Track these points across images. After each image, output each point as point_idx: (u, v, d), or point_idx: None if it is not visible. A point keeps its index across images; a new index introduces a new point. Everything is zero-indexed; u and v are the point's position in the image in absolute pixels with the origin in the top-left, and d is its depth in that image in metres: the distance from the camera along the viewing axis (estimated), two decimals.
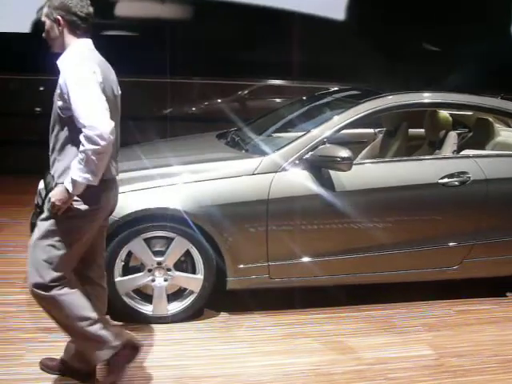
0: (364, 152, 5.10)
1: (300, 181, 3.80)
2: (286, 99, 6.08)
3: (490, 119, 4.90)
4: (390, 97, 4.31)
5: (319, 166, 3.82)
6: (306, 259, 3.88)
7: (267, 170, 3.79)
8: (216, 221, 3.68)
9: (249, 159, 3.89)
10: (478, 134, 5.09)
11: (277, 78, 7.68)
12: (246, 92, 7.68)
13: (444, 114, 4.49)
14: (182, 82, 7.24)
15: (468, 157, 4.22)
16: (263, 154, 3.91)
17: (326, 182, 3.81)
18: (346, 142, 4.86)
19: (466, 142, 5.21)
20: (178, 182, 3.72)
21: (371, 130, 5.37)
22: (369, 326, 3.91)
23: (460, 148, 4.94)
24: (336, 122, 4.01)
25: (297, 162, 3.83)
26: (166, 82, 7.26)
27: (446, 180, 4.03)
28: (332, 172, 3.81)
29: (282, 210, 3.75)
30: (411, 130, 5.02)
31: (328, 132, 3.95)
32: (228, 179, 3.75)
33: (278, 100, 7.38)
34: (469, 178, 4.08)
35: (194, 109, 7.44)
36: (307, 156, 3.83)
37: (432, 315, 4.11)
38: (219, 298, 3.94)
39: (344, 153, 3.70)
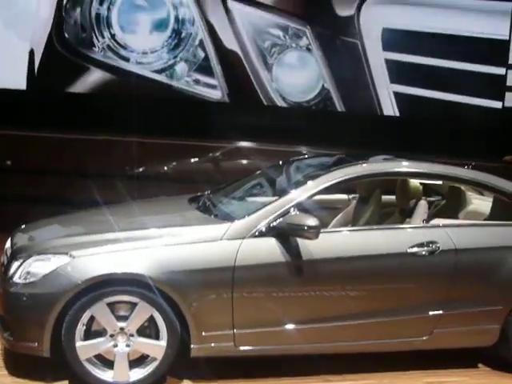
0: (337, 218, 5.11)
1: (267, 248, 3.78)
2: (263, 162, 6.13)
3: (463, 188, 4.95)
4: (361, 165, 4.36)
5: (288, 234, 3.80)
6: (272, 328, 3.82)
7: (234, 236, 3.77)
8: (181, 287, 3.64)
9: (216, 225, 3.89)
10: (450, 202, 5.14)
11: (251, 140, 7.80)
12: (219, 154, 7.77)
13: (414, 183, 4.53)
14: (155, 143, 7.35)
15: (437, 226, 4.23)
16: (231, 219, 3.90)
17: (294, 250, 3.79)
18: (320, 208, 4.90)
19: (439, 210, 5.25)
20: (143, 246, 3.69)
21: (345, 196, 5.38)
22: None
23: (433, 216, 4.98)
24: (305, 190, 4.04)
25: (264, 229, 3.82)
26: (138, 141, 7.39)
27: (415, 249, 4.03)
28: (300, 240, 3.80)
29: (248, 278, 3.72)
30: (386, 197, 5.05)
31: (297, 199, 3.97)
32: (194, 245, 3.73)
33: (253, 162, 7.43)
34: (438, 247, 4.07)
35: (166, 169, 7.51)
36: (275, 223, 3.82)
37: None
38: (183, 365, 3.85)
39: (311, 221, 3.70)
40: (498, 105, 9.14)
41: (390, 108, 8.90)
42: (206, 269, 3.68)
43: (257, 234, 3.81)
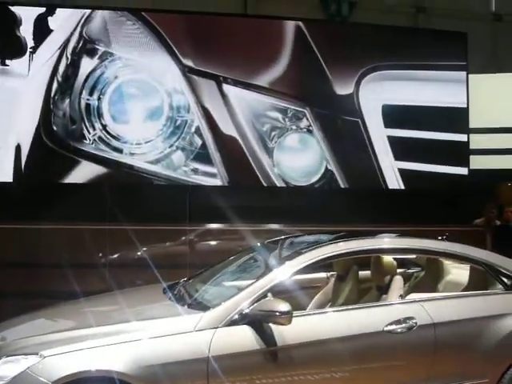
0: (317, 297, 5.08)
1: (241, 336, 3.74)
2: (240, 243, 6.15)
3: (440, 258, 4.95)
4: (336, 244, 4.39)
5: (261, 321, 3.77)
6: None
7: (207, 326, 3.73)
8: (156, 381, 3.57)
9: (189, 315, 3.85)
10: (429, 274, 5.14)
11: (225, 222, 7.73)
12: (193, 236, 7.72)
13: (388, 258, 4.53)
14: (129, 229, 7.28)
15: (414, 301, 4.20)
16: (204, 309, 3.87)
17: (268, 337, 3.74)
18: (299, 289, 4.88)
19: (418, 281, 5.24)
20: (115, 341, 3.62)
21: (324, 275, 5.37)
22: None
23: (412, 288, 4.98)
24: (278, 274, 4.03)
25: (237, 316, 3.79)
26: (107, 228, 7.30)
27: (391, 327, 3.99)
28: (274, 326, 3.76)
29: (223, 368, 3.65)
30: (365, 273, 5.03)
31: (270, 284, 3.96)
32: (168, 338, 3.68)
33: (231, 243, 7.40)
34: (415, 323, 4.04)
35: (138, 254, 7.43)
36: (248, 311, 3.79)
37: None
38: None
39: (283, 307, 3.68)
40: (464, 171, 9.33)
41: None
42: (180, 361, 3.62)
43: (230, 322, 3.77)
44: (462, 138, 9.37)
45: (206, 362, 3.63)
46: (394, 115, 9.00)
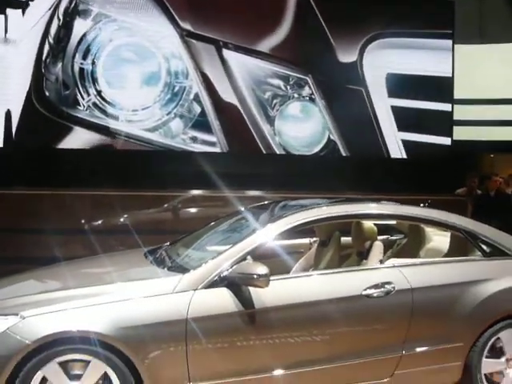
0: (299, 263, 5.12)
1: (219, 299, 3.77)
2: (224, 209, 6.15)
3: (422, 225, 4.98)
4: (314, 210, 4.39)
5: (239, 283, 3.80)
6: (228, 379, 3.77)
7: (186, 288, 3.76)
8: (133, 342, 3.60)
9: (168, 277, 3.87)
10: (411, 241, 5.18)
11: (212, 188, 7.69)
12: (179, 202, 7.68)
13: (368, 224, 4.56)
14: (114, 195, 7.23)
15: (392, 266, 4.24)
16: (184, 271, 3.90)
17: (246, 299, 3.77)
18: (282, 254, 4.92)
19: (401, 248, 5.28)
20: (94, 303, 3.65)
21: (307, 241, 5.40)
22: None
23: (395, 254, 5.03)
24: (258, 237, 4.05)
25: (217, 279, 3.81)
26: (95, 194, 7.24)
27: (370, 291, 4.03)
28: (253, 289, 3.79)
29: (201, 330, 3.69)
30: (347, 239, 5.06)
31: (249, 247, 3.97)
32: (146, 299, 3.71)
33: (215, 210, 7.37)
34: (393, 288, 4.08)
35: (122, 220, 7.40)
36: (226, 273, 3.82)
37: None
38: None
39: (261, 270, 3.70)
40: (447, 141, 9.31)
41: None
42: (158, 323, 3.65)
43: (209, 284, 3.79)
44: (446, 107, 9.33)
45: (184, 323, 3.66)
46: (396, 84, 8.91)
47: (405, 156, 9.14)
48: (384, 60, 9.00)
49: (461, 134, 9.57)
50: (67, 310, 3.62)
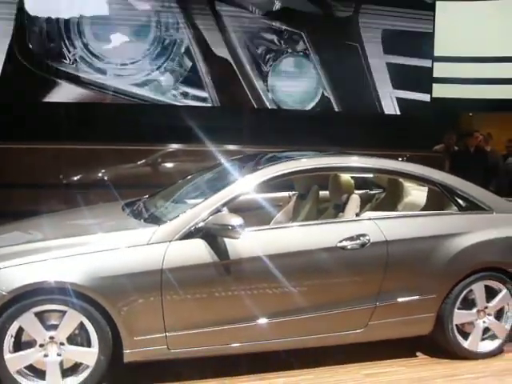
0: (278, 215, 5.14)
1: (194, 249, 3.79)
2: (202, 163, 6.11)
3: (400, 179, 5.00)
4: (293, 162, 4.39)
5: (214, 235, 3.82)
6: (204, 329, 3.82)
7: (161, 239, 3.78)
8: (109, 292, 3.63)
9: (144, 229, 3.88)
10: (390, 195, 5.21)
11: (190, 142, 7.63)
12: (159, 157, 7.63)
13: (345, 177, 4.57)
14: (89, 149, 7.15)
15: (368, 219, 4.26)
16: (159, 222, 3.91)
17: (221, 250, 3.80)
18: (262, 206, 4.94)
19: (379, 202, 5.31)
20: (69, 254, 3.67)
21: (286, 194, 5.42)
22: None
23: (374, 208, 5.06)
24: (234, 189, 4.05)
25: (192, 230, 3.83)
26: (70, 148, 7.15)
27: (344, 243, 4.07)
28: (228, 240, 3.81)
29: (176, 280, 3.72)
30: (325, 193, 5.08)
31: (225, 199, 3.98)
32: (121, 250, 3.72)
33: (191, 164, 7.33)
34: (368, 240, 4.11)
35: (100, 175, 7.35)
36: (202, 224, 3.83)
37: (339, 380, 4.07)
38: (119, 372, 3.85)
39: (235, 220, 3.71)
40: (426, 97, 9.27)
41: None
42: (133, 273, 3.67)
43: (184, 235, 3.81)
44: (426, 63, 9.24)
45: (159, 274, 3.69)
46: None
47: (394, 112, 9.09)
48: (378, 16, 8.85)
49: (440, 91, 9.52)
50: (43, 261, 3.63)
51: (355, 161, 4.57)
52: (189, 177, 5.07)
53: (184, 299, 3.76)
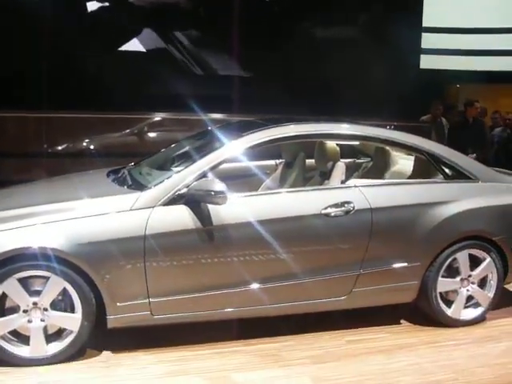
0: (265, 183, 5.12)
1: (177, 216, 3.78)
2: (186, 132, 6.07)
3: (388, 148, 4.99)
4: (279, 128, 4.34)
5: (198, 201, 3.80)
6: (187, 295, 3.83)
7: (144, 205, 3.76)
8: (92, 258, 3.63)
9: (127, 195, 3.86)
10: (377, 163, 5.19)
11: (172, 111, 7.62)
12: (145, 125, 7.61)
13: (331, 144, 4.54)
14: (74, 117, 7.12)
15: (353, 187, 4.25)
16: (142, 189, 3.89)
17: (205, 216, 3.79)
18: (249, 174, 4.92)
19: (366, 171, 5.30)
20: (52, 219, 3.65)
21: (273, 162, 5.39)
22: (255, 360, 3.88)
23: (361, 177, 5.05)
24: (219, 155, 4.02)
25: (175, 196, 3.81)
26: (50, 116, 7.13)
27: (329, 210, 4.06)
28: (211, 206, 3.80)
29: (159, 246, 3.71)
30: (312, 161, 5.05)
31: (210, 164, 3.96)
32: (104, 216, 3.71)
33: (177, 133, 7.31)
34: (353, 207, 4.11)
35: (85, 144, 7.32)
36: (185, 190, 3.81)
37: (321, 346, 4.10)
38: (103, 337, 3.86)
39: (218, 186, 3.70)
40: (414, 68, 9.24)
41: None
42: (116, 239, 3.67)
43: (167, 202, 3.79)
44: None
45: (142, 240, 3.68)
46: None
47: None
48: None
49: (428, 62, 9.47)
50: (26, 227, 3.62)
51: (345, 128, 4.54)
52: (173, 145, 5.03)
53: (167, 265, 3.76)
